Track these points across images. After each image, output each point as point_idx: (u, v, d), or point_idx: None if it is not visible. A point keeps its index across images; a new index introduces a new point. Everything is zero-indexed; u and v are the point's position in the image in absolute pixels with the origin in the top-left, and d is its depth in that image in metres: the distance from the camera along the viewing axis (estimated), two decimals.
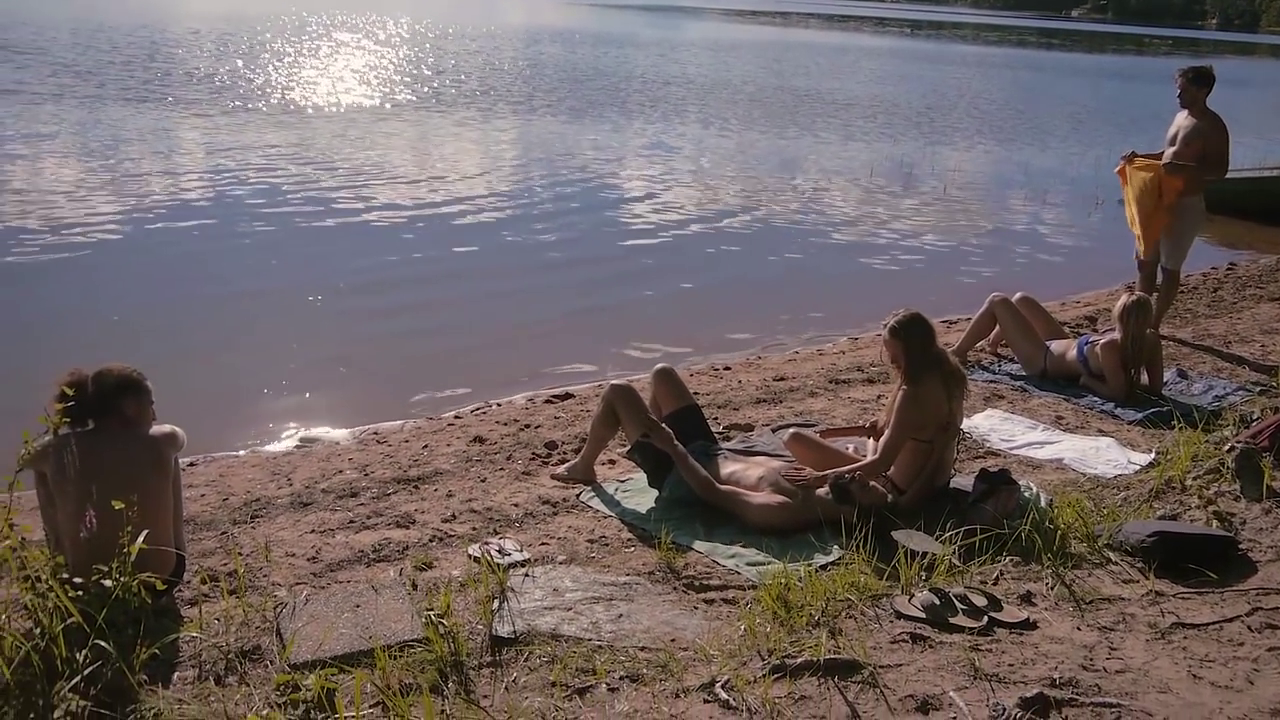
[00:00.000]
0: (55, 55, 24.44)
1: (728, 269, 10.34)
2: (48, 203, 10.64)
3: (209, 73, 23.02)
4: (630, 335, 8.05)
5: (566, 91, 23.82)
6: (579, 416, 6.07)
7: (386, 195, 12.09)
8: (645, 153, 16.53)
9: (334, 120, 17.76)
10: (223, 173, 12.69)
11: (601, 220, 11.85)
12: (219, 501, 4.83)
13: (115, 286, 8.45)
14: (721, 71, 33.35)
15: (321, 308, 8.27)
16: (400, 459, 5.38)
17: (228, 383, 6.74)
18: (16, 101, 17.15)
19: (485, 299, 8.79)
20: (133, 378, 3.75)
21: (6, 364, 6.65)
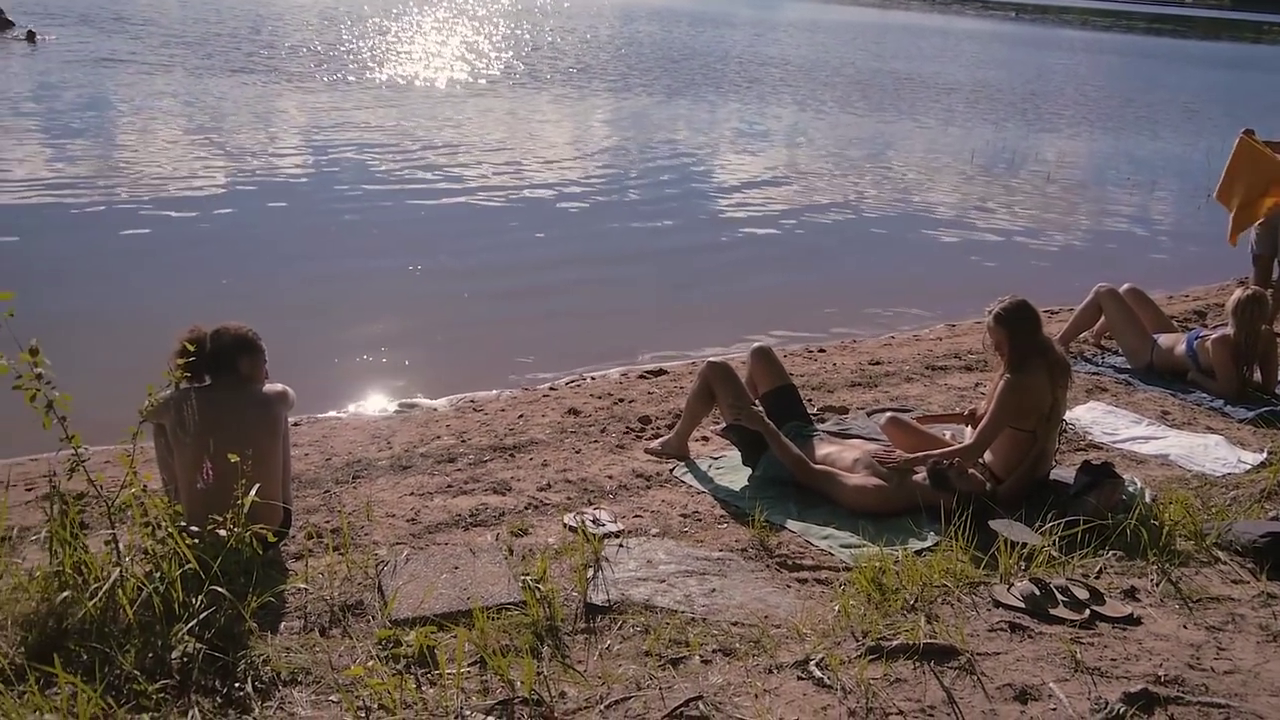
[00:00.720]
0: (165, 27, 25.25)
1: (821, 252, 10.25)
2: (156, 171, 11.02)
3: (311, 46, 23.53)
4: (723, 315, 8.04)
5: (662, 71, 23.78)
6: (672, 393, 6.09)
7: (482, 171, 12.24)
8: (740, 134, 16.44)
9: (431, 95, 18.02)
10: (323, 145, 12.98)
11: (694, 200, 11.83)
12: (322, 461, 4.97)
13: (222, 253, 8.71)
14: (819, 53, 32.94)
15: (421, 278, 8.42)
16: (496, 427, 5.46)
17: (329, 347, 6.91)
18: (129, 72, 17.78)
19: (580, 275, 8.85)
20: (248, 337, 3.88)
21: (122, 324, 6.92)
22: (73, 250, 8.44)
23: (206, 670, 2.99)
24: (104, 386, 4.75)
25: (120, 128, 13.17)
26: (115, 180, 10.54)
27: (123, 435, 3.36)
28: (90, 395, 3.69)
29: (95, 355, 6.00)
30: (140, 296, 7.65)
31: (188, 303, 7.42)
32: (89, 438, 3.35)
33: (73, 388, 3.27)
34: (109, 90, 15.95)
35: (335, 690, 3.00)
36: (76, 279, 7.75)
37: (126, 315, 7.17)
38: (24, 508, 4.45)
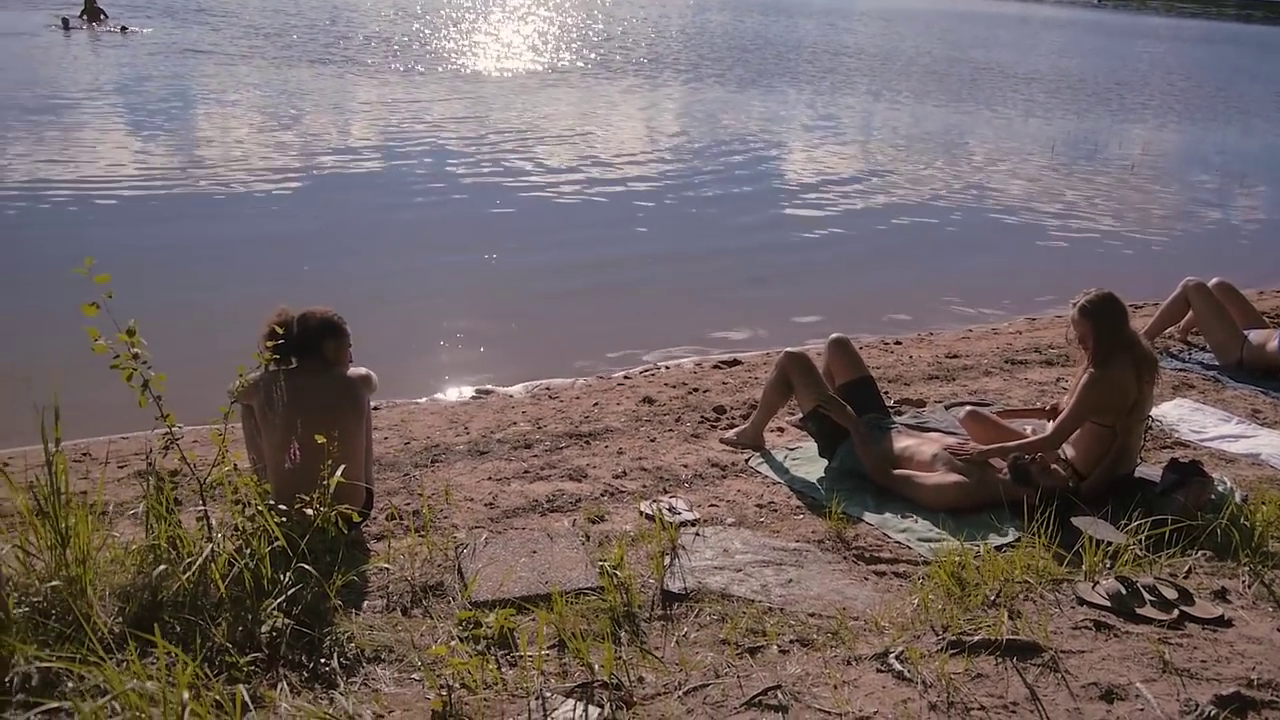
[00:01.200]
0: (245, 19, 25.82)
1: (896, 243, 10.12)
2: (237, 160, 11.27)
3: (386, 37, 23.86)
4: (796, 307, 7.99)
5: (734, 61, 23.67)
6: (746, 383, 6.07)
7: (554, 161, 12.29)
8: (813, 124, 16.28)
9: (503, 85, 18.14)
10: (398, 135, 13.15)
11: (767, 192, 11.75)
12: (401, 445, 5.05)
13: (302, 240, 8.89)
14: (894, 42, 32.50)
15: (495, 267, 8.50)
16: (572, 415, 5.50)
17: (406, 334, 7.01)
18: (211, 62, 18.21)
19: (653, 265, 8.86)
20: (334, 321, 3.95)
21: (205, 308, 7.10)
22: (157, 236, 8.68)
23: (294, 645, 3.06)
24: (188, 368, 4.86)
25: (202, 118, 13.50)
26: (197, 169, 10.82)
27: (210, 415, 3.45)
28: (175, 377, 3.80)
29: (181, 338, 6.16)
30: (223, 281, 7.83)
31: (270, 289, 7.57)
32: (179, 417, 3.44)
33: (160, 369, 3.36)
34: (192, 81, 16.37)
35: (418, 669, 3.05)
36: (161, 265, 7.97)
37: (210, 299, 7.35)
38: (116, 484, 4.60)
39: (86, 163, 10.74)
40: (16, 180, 9.92)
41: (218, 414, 3.50)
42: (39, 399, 5.38)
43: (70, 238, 8.51)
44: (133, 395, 3.26)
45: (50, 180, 10.00)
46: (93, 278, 3.15)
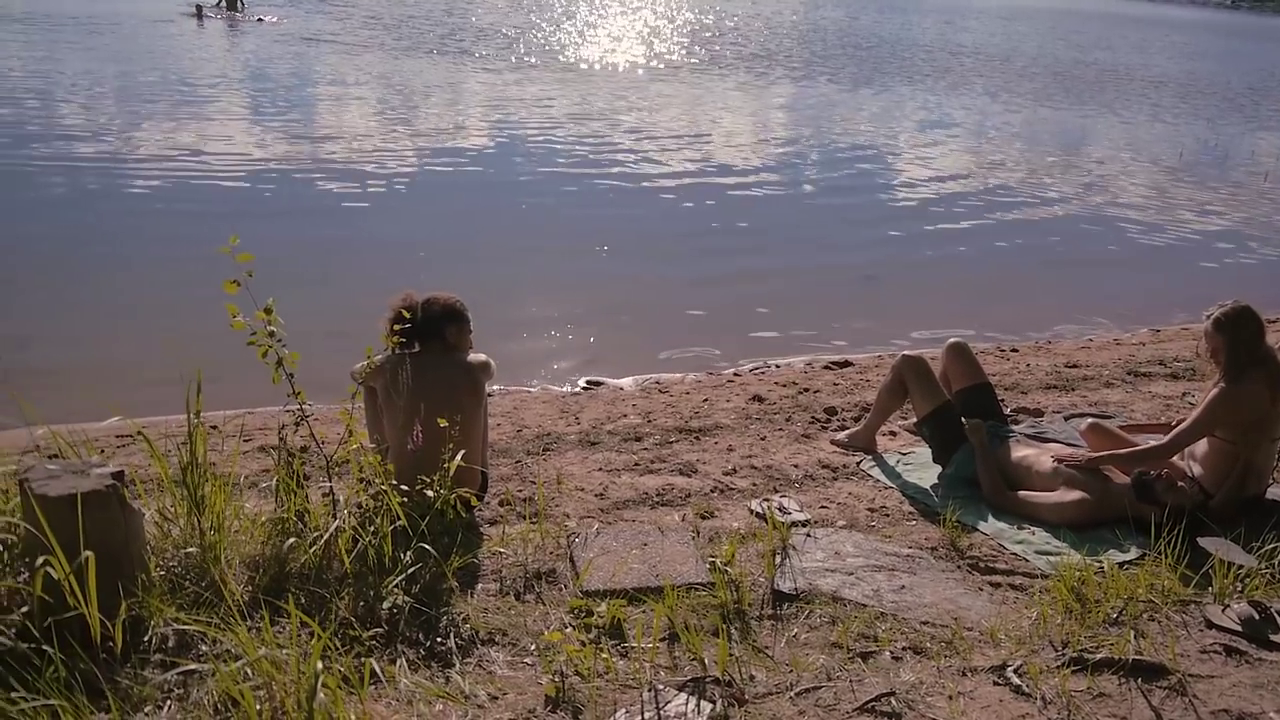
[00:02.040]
0: (365, 9, 26.48)
1: (1013, 247, 9.88)
2: (356, 146, 11.57)
3: (500, 29, 24.21)
4: (909, 308, 7.87)
5: (847, 58, 23.37)
6: (857, 385, 6.00)
7: (665, 155, 12.32)
8: (927, 124, 15.98)
9: (614, 79, 18.24)
10: (510, 126, 13.35)
11: (879, 191, 11.58)
12: (514, 432, 5.12)
13: (416, 227, 9.08)
14: (1013, 42, 31.69)
15: (606, 259, 8.55)
16: (681, 409, 5.50)
17: (518, 322, 7.11)
18: (332, 51, 18.72)
19: (761, 261, 8.81)
20: (456, 307, 4.02)
21: (325, 287, 7.31)
22: (275, 220, 8.97)
23: (412, 623, 3.13)
24: (305, 345, 5.04)
25: (323, 106, 13.91)
26: (319, 155, 11.15)
27: (330, 394, 3.54)
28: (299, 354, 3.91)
29: (300, 316, 6.33)
30: (342, 264, 8.06)
31: (388, 273, 7.78)
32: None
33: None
34: (315, 68, 16.86)
35: (531, 653, 3.10)
36: (280, 246, 8.21)
37: (329, 281, 7.58)
38: (243, 457, 4.76)
39: (214, 147, 11.15)
40: (146, 162, 10.36)
41: (336, 393, 3.60)
42: (172, 371, 5.62)
43: (194, 218, 8.85)
44: (256, 371, 3.36)
45: (177, 163, 10.41)
46: (234, 256, 3.28)
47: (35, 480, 2.67)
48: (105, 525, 2.68)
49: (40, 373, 5.93)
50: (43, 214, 8.73)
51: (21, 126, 11.51)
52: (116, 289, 7.32)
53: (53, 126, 11.61)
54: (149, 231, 8.50)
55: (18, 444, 4.65)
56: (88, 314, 6.85)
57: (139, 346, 6.43)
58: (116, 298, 7.16)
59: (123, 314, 6.89)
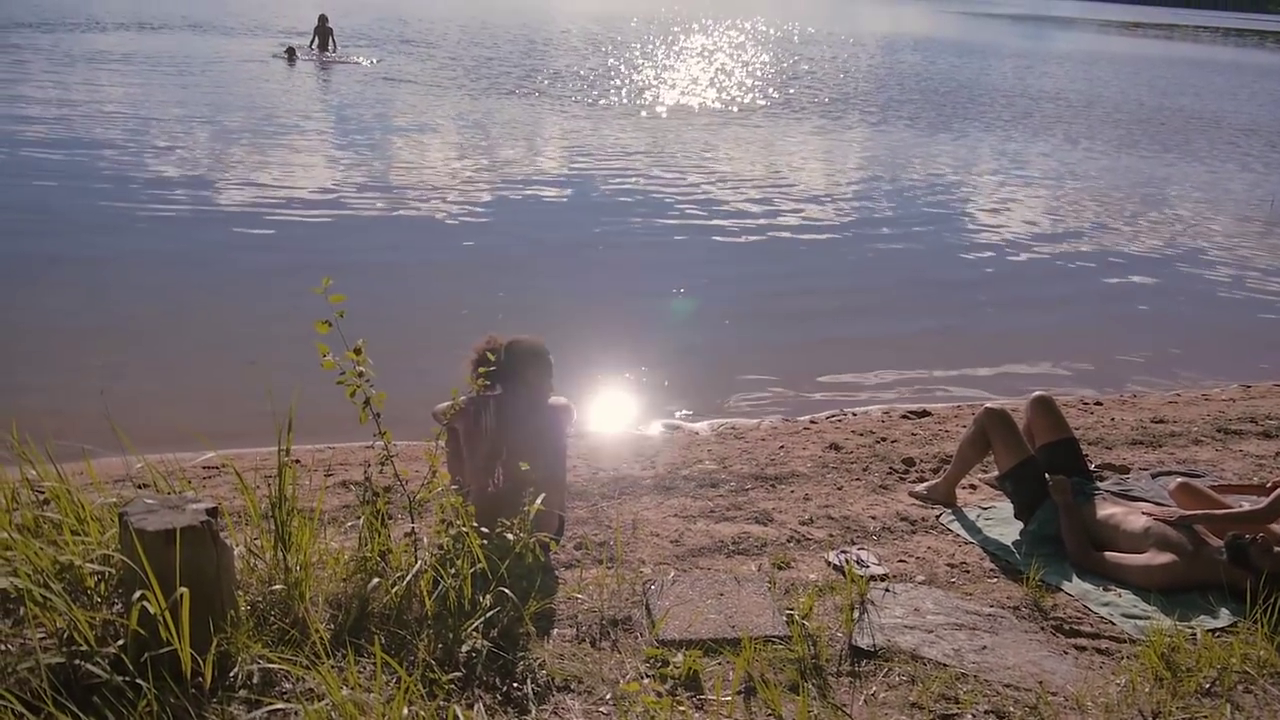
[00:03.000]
0: (446, 51, 27.16)
1: (1094, 297, 9.69)
2: (437, 186, 11.80)
3: (576, 71, 24.58)
4: (988, 357, 7.76)
5: (925, 103, 23.22)
6: (936, 435, 5.91)
7: (740, 198, 12.33)
8: (1005, 171, 15.76)
9: (689, 122, 18.34)
10: (585, 167, 13.50)
11: (956, 238, 11.42)
12: (590, 474, 5.13)
13: (493, 266, 9.20)
14: (1095, 87, 31.23)
15: (683, 301, 8.57)
16: (758, 456, 5.47)
17: (594, 363, 7.12)
18: (411, 92, 19.19)
19: (837, 307, 8.76)
20: (539, 350, 4.07)
21: (402, 324, 7.44)
22: (359, 254, 9.17)
23: (489, 667, 3.15)
24: (385, 379, 5.15)
25: (403, 143, 14.23)
26: (402, 194, 11.39)
27: (406, 425, 3.58)
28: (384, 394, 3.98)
29: (381, 351, 6.45)
30: (423, 301, 8.21)
31: (470, 310, 7.91)
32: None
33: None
34: (397, 108, 17.29)
35: (606, 702, 3.09)
36: (361, 280, 8.39)
37: (406, 314, 7.71)
38: (324, 491, 4.83)
39: (301, 181, 11.46)
40: (237, 194, 10.68)
41: (412, 426, 3.64)
42: (261, 403, 5.75)
43: (282, 251, 9.10)
44: (340, 405, 3.42)
45: (266, 197, 10.72)
46: (327, 297, 3.36)
47: (133, 515, 2.75)
48: (199, 561, 2.74)
49: (134, 401, 6.11)
50: (136, 244, 9.04)
51: (117, 159, 11.96)
52: (208, 319, 7.54)
53: (146, 159, 12.04)
54: (240, 263, 8.75)
55: (112, 473, 4.80)
56: (180, 344, 7.05)
57: (228, 378, 6.60)
58: (207, 328, 7.37)
59: (213, 345, 7.08)
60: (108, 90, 16.97)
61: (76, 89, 16.92)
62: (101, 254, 8.79)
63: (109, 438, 4.35)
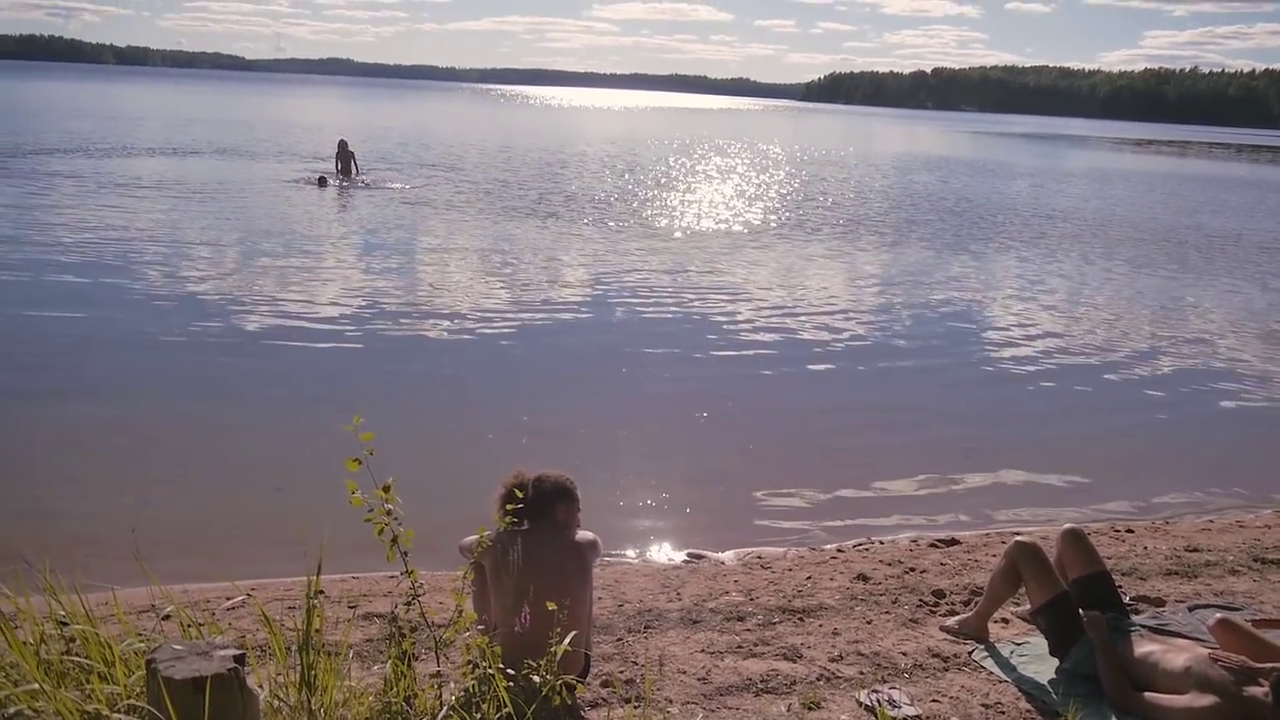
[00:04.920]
0: (466, 174, 27.98)
1: (1119, 418, 9.63)
2: (454, 307, 11.99)
3: (592, 193, 25.17)
4: (1012, 484, 7.70)
5: (939, 223, 23.52)
6: (966, 565, 5.83)
7: (756, 320, 12.41)
8: (1022, 291, 15.82)
9: (702, 243, 18.60)
10: (602, 288, 13.70)
11: (975, 361, 11.37)
12: (615, 606, 5.07)
13: (515, 387, 9.30)
14: (1109, 205, 31.64)
15: (704, 426, 8.58)
16: (784, 587, 5.40)
17: (615, 489, 7.11)
18: (431, 215, 19.73)
19: (858, 430, 8.75)
20: (567, 486, 4.06)
21: (425, 448, 7.47)
22: (380, 375, 9.30)
23: None
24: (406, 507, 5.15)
25: (424, 267, 14.55)
26: (418, 313, 11.60)
27: (429, 554, 3.56)
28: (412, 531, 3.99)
29: (403, 478, 6.47)
30: (447, 423, 8.27)
31: (494, 436, 7.94)
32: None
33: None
34: (415, 231, 17.75)
35: None
36: (383, 404, 8.46)
37: (432, 441, 7.74)
38: (345, 624, 4.79)
39: (324, 307, 11.67)
40: (260, 321, 10.87)
41: (435, 555, 3.60)
42: (285, 531, 5.75)
43: (305, 376, 9.23)
44: (364, 534, 3.42)
45: (289, 323, 10.90)
46: (357, 435, 3.39)
47: (161, 661, 2.72)
48: (225, 708, 2.70)
49: (161, 526, 6.13)
50: (167, 370, 9.17)
51: (147, 285, 12.24)
52: (235, 445, 7.60)
53: (176, 285, 12.32)
54: (268, 388, 8.87)
55: (138, 602, 4.78)
56: (207, 470, 7.10)
57: (254, 505, 6.62)
58: (235, 454, 7.43)
59: (240, 471, 7.13)
60: (139, 216, 17.48)
61: (109, 214, 17.46)
62: (131, 379, 8.93)
63: (134, 566, 4.36)
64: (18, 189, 19.99)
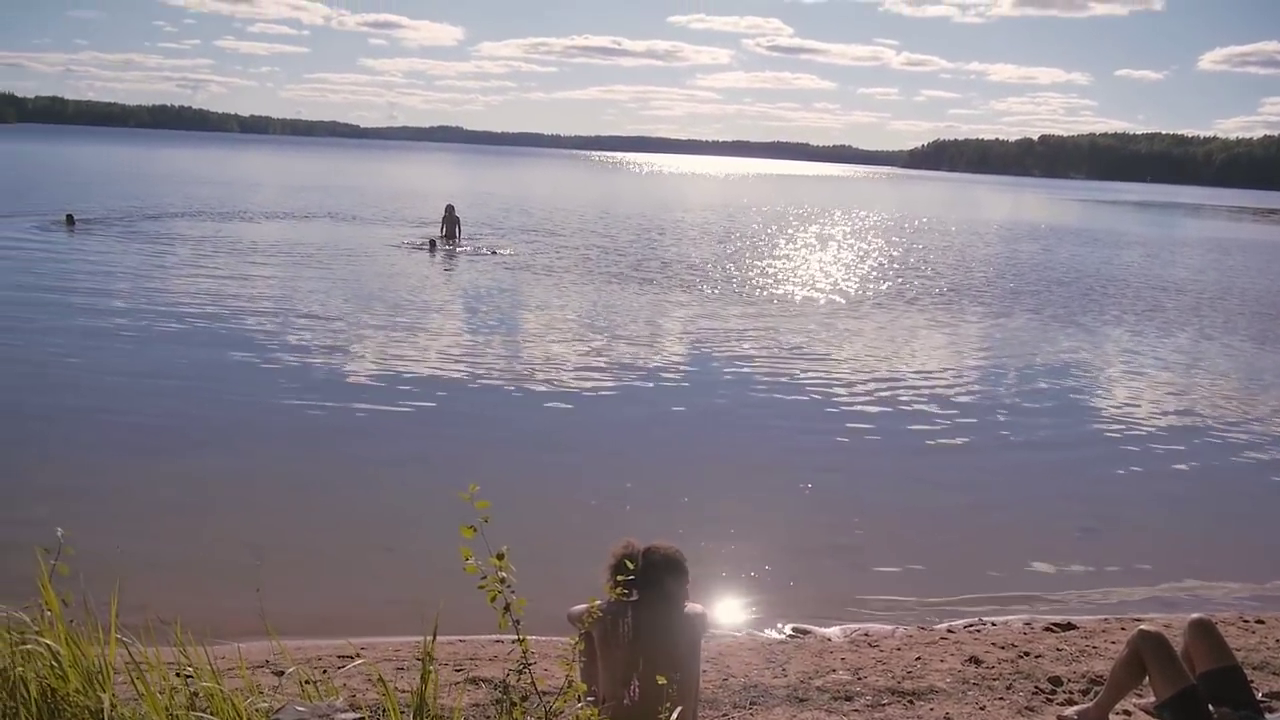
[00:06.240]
0: (565, 239, 28.60)
1: (1246, 500, 9.22)
2: (553, 372, 12.15)
3: (688, 260, 25.39)
4: (1133, 566, 7.41)
5: (1046, 295, 22.96)
6: (1084, 651, 5.61)
7: (857, 389, 12.25)
8: (1138, 366, 15.28)
9: (800, 310, 18.51)
10: (700, 355, 13.75)
11: (1086, 437, 10.94)
12: (719, 680, 5.02)
13: (612, 455, 9.35)
14: (1229, 276, 30.54)
15: (811, 496, 8.48)
16: (893, 668, 5.27)
17: (716, 556, 7.04)
18: (532, 280, 20.18)
19: (965, 505, 8.55)
20: (677, 558, 4.06)
21: (532, 512, 7.54)
22: (482, 440, 9.47)
23: None
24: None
25: (525, 328, 14.84)
26: (518, 376, 11.82)
27: (532, 618, 3.57)
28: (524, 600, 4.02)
29: (507, 541, 6.53)
30: (551, 487, 8.34)
31: (598, 501, 7.99)
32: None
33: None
34: (518, 296, 18.17)
35: None
36: (488, 465, 8.59)
37: (536, 504, 7.81)
38: (452, 688, 4.83)
39: (432, 369, 11.97)
40: (372, 383, 11.20)
41: (540, 619, 3.60)
42: (394, 590, 5.85)
43: (413, 436, 9.46)
44: (470, 595, 3.44)
45: (399, 385, 11.21)
46: (473, 503, 3.45)
47: None
48: None
49: (271, 586, 6.29)
50: (274, 429, 9.49)
51: (257, 344, 12.76)
52: (346, 505, 7.80)
53: (286, 345, 12.80)
54: (378, 449, 9.09)
55: (252, 658, 4.91)
56: (319, 529, 7.29)
57: (364, 564, 6.77)
58: (346, 513, 7.62)
59: (351, 530, 7.30)
60: (253, 279, 18.32)
61: (224, 277, 18.36)
62: (244, 437, 9.27)
63: (253, 619, 4.50)
64: (142, 253, 21.14)
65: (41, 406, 9.84)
